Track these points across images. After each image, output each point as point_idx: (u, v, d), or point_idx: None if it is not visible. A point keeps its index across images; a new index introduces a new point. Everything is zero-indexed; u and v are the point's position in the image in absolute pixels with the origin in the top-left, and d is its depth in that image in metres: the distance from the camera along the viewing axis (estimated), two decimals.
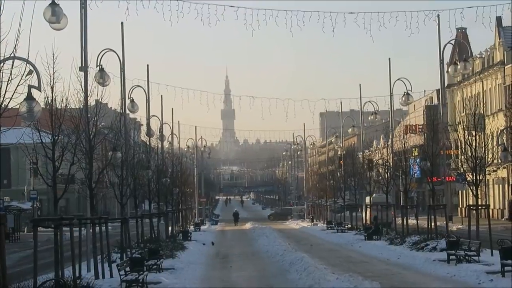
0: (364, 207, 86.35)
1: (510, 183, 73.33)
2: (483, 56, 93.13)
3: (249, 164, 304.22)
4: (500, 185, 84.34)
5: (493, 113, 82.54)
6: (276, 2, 60.11)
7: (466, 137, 41.19)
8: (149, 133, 57.91)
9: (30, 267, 22.89)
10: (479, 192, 41.25)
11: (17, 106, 18.93)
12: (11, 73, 17.75)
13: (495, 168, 66.27)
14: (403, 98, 53.11)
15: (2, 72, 17.73)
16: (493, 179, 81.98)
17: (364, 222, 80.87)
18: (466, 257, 34.24)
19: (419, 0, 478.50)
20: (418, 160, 74.77)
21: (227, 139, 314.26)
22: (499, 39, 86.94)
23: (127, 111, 44.11)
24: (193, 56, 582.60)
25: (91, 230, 31.58)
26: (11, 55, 17.87)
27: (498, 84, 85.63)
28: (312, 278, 28.67)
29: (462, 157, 43.20)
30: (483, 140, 42.10)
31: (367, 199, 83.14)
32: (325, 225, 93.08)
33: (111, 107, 52.24)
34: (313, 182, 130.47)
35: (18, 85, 18.02)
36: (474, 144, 40.24)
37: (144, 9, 37.73)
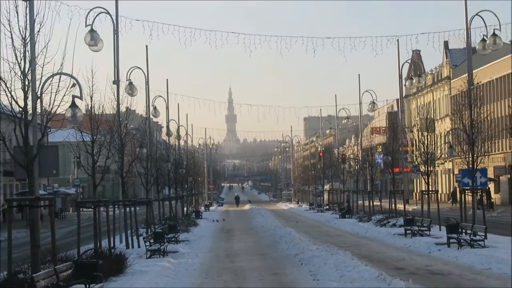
0: (323, 192, 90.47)
1: (454, 173, 73.12)
2: (433, 72, 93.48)
3: (247, 158, 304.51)
4: (447, 175, 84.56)
5: (441, 118, 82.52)
6: (268, 29, 60.39)
7: (419, 137, 41.17)
8: (168, 133, 58.10)
9: (74, 239, 22.88)
10: (429, 180, 41.24)
11: (64, 112, 18.91)
12: (58, 86, 17.74)
13: (442, 161, 66.14)
14: (370, 106, 53.14)
15: (52, 85, 17.75)
16: (441, 170, 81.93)
17: (323, 203, 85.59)
18: (419, 232, 34.29)
19: (382, 27, 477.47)
20: (381, 155, 74.80)
21: (230, 138, 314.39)
22: (446, 59, 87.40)
23: (151, 116, 44.05)
24: (202, 72, 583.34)
25: (122, 210, 31.65)
26: (59, 72, 17.86)
27: (445, 95, 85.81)
28: (297, 248, 28.67)
29: (416, 152, 43.22)
30: (433, 139, 42.03)
31: (326, 186, 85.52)
32: (308, 206, 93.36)
33: (138, 113, 52.13)
34: (299, 172, 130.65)
35: (64, 95, 17.99)
36: (426, 142, 40.25)
37: (164, 35, 37.92)
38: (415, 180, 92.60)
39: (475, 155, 31.45)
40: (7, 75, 16.63)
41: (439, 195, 52.48)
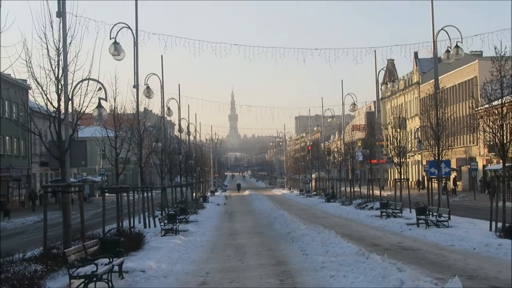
0: (311, 180, 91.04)
1: (422, 164, 73.18)
2: (405, 78, 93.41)
3: (247, 151, 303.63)
4: (416, 165, 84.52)
5: (412, 117, 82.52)
6: (265, 41, 60.52)
7: (393, 133, 41.16)
8: (180, 130, 58.05)
9: (99, 220, 22.93)
10: (401, 170, 41.30)
11: (91, 112, 18.95)
12: (86, 89, 17.79)
13: (412, 154, 66.19)
14: (351, 107, 53.18)
15: (81, 89, 17.80)
16: (411, 161, 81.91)
17: (311, 189, 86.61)
18: (393, 214, 34.35)
19: (361, 40, 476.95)
20: (360, 148, 74.84)
21: (232, 134, 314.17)
22: (416, 67, 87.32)
23: (165, 115, 44.05)
24: (209, 78, 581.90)
25: (141, 195, 31.67)
26: (87, 77, 17.89)
27: (415, 98, 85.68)
28: (289, 227, 28.73)
29: (390, 146, 43.26)
30: (404, 135, 42.10)
31: (313, 175, 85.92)
32: (298, 192, 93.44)
33: (154, 113, 52.01)
34: (290, 163, 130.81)
35: (91, 97, 18.05)
36: (398, 138, 40.27)
37: (177, 46, 38.14)
38: (389, 169, 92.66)
39: (440, 149, 31.53)
40: (43, 80, 16.69)
41: (409, 182, 52.49)
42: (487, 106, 24.89)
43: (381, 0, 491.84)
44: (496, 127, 23.55)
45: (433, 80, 34.21)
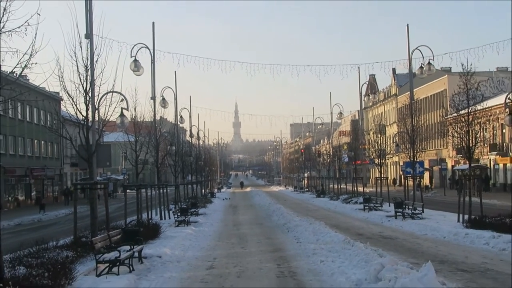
0: (303, 178, 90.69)
1: (400, 164, 73.12)
2: (384, 91, 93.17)
3: (249, 153, 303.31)
4: (394, 166, 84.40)
5: (390, 124, 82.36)
6: (264, 58, 60.66)
7: (374, 138, 41.22)
8: (191, 135, 58.00)
9: (122, 213, 22.91)
10: (382, 170, 41.29)
11: (115, 120, 18.95)
12: (111, 100, 17.81)
13: (391, 156, 66.20)
14: (338, 115, 53.28)
15: (106, 100, 17.81)
16: (390, 162, 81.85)
17: (303, 186, 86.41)
18: (374, 207, 34.34)
19: (347, 57, 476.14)
20: (346, 151, 74.90)
21: (236, 139, 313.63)
22: (394, 81, 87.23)
23: (178, 123, 44.03)
24: (216, 90, 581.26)
25: (157, 191, 31.67)
26: (111, 90, 17.91)
27: (393, 107, 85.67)
28: (285, 219, 28.72)
29: (372, 149, 43.28)
30: (384, 140, 42.17)
31: (306, 174, 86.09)
32: (292, 188, 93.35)
33: (168, 120, 51.99)
34: (286, 164, 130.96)
35: (115, 107, 18.06)
36: (379, 142, 40.33)
37: (188, 63, 38.33)
38: (371, 169, 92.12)
39: (415, 151, 31.52)
40: (73, 92, 16.71)
41: (388, 180, 52.49)
42: (455, 114, 24.88)
43: (364, 22, 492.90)
44: (463, 132, 23.66)
45: (409, 92, 34.20)
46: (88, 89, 16.80)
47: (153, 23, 30.57)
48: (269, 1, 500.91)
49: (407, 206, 28.46)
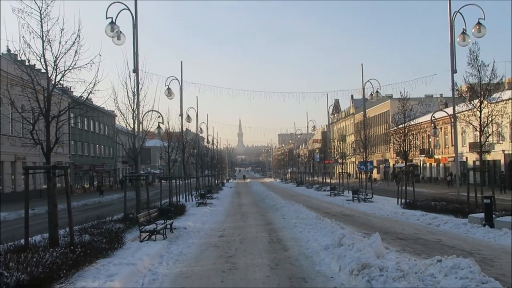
0: (287, 172, 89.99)
1: (356, 163, 73.12)
2: (345, 111, 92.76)
3: (249, 155, 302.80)
4: (352, 164, 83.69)
5: (349, 134, 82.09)
6: (261, 87, 60.63)
7: (338, 144, 41.24)
8: (207, 142, 57.82)
9: (158, 197, 22.88)
10: (343, 167, 41.19)
11: (154, 130, 18.92)
12: (151, 117, 17.87)
13: (350, 157, 66.18)
14: (313, 128, 53.10)
15: (147, 116, 17.81)
16: (349, 161, 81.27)
17: (288, 178, 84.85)
18: (338, 193, 34.24)
19: (318, 86, 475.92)
20: (318, 153, 74.87)
21: (240, 145, 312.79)
22: (352, 104, 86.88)
23: (199, 133, 43.99)
24: (225, 110, 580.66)
25: (183, 181, 31.53)
26: (151, 109, 17.95)
27: (351, 123, 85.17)
28: (274, 202, 28.66)
29: (336, 152, 43.28)
30: (345, 146, 42.16)
31: (289, 170, 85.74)
32: (280, 180, 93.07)
33: (192, 131, 52.05)
34: (275, 162, 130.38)
35: (154, 122, 18.08)
36: (341, 147, 40.31)
37: (206, 90, 38.93)
38: (336, 166, 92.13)
39: (366, 154, 31.54)
40: (124, 111, 16.72)
41: (348, 174, 52.40)
42: (395, 128, 24.94)
43: (333, 62, 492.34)
44: (401, 141, 23.81)
45: (363, 112, 34.26)
46: (135, 108, 16.81)
47: (181, 62, 31.09)
48: (265, 43, 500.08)
49: (361, 193, 28.46)
